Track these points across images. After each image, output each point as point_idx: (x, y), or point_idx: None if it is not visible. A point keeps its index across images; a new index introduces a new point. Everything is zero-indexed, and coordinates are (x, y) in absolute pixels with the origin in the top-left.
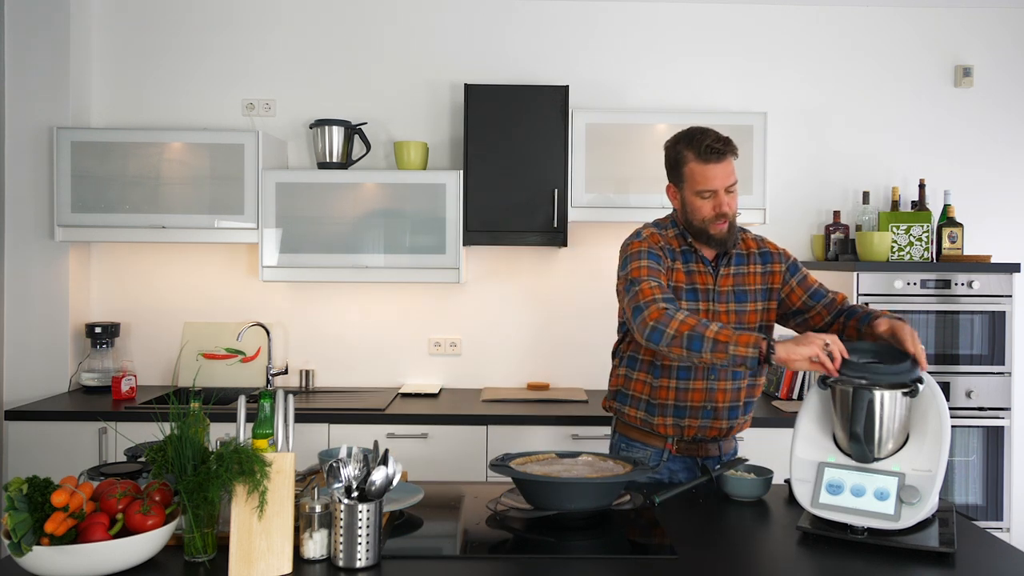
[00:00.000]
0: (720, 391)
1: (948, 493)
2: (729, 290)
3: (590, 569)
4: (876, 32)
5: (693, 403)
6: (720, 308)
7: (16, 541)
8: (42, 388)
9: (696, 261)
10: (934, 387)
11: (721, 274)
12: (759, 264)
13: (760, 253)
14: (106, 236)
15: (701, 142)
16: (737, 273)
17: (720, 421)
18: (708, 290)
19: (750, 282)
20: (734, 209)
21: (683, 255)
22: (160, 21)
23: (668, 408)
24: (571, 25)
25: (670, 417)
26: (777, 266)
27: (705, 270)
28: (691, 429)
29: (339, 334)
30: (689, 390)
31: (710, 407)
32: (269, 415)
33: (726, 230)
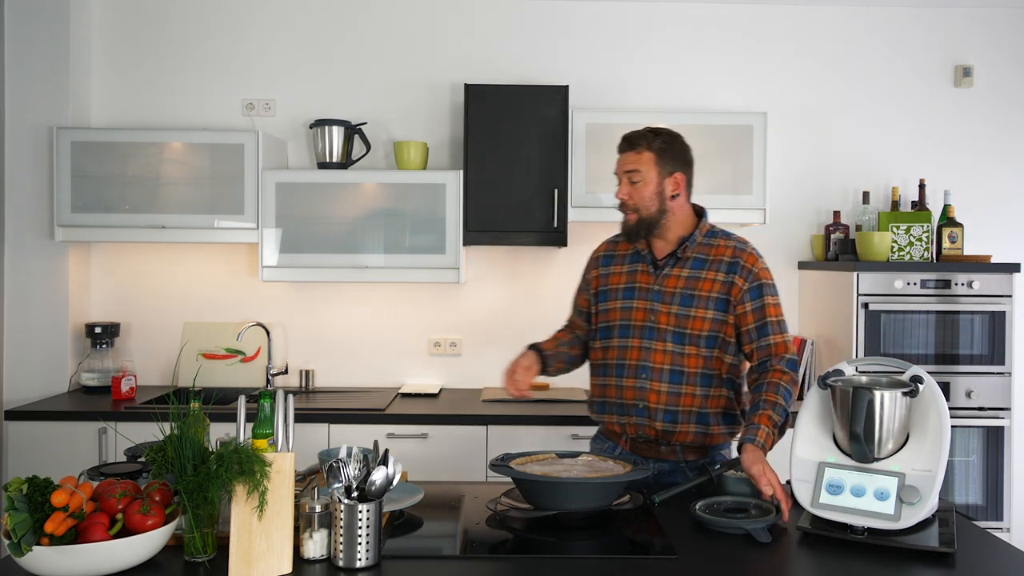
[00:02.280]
0: (652, 391)
1: (948, 493)
2: (676, 291)
3: (590, 569)
4: (876, 32)
5: (627, 400)
6: (662, 308)
7: (16, 541)
8: (42, 388)
9: (640, 261)
10: (934, 387)
11: (665, 274)
12: (721, 272)
13: (729, 262)
14: (106, 236)
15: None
16: (691, 276)
17: (655, 422)
18: (649, 289)
19: (704, 288)
20: (636, 200)
21: (630, 257)
22: (160, 21)
23: (612, 406)
24: (571, 25)
25: (615, 415)
26: (740, 280)
27: (647, 270)
28: (631, 427)
29: (339, 334)
30: (624, 388)
31: (642, 406)
32: (269, 415)
33: (633, 221)
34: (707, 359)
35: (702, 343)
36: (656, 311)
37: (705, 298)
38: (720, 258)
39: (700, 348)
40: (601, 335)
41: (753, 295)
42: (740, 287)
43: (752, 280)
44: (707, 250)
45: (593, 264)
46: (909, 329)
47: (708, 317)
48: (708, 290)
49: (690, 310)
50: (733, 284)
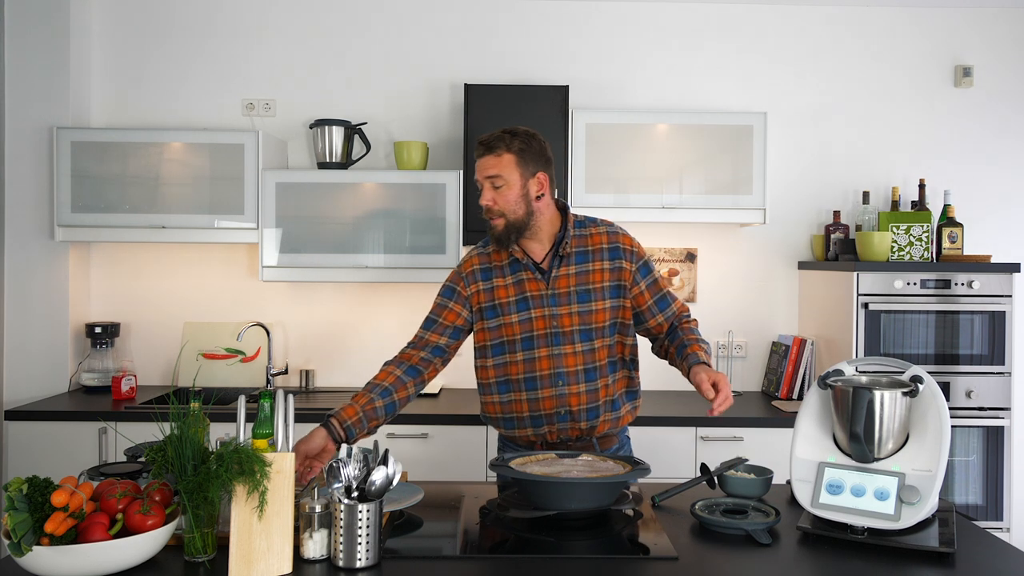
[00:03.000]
0: (572, 395)
1: (948, 493)
2: (571, 291)
3: (590, 569)
4: (876, 32)
5: (546, 411)
6: (561, 311)
7: (16, 541)
8: (42, 388)
9: (524, 269)
10: (934, 387)
11: (556, 276)
12: (606, 260)
13: (609, 249)
14: (106, 236)
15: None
16: (580, 272)
17: (579, 423)
18: (542, 295)
19: (595, 279)
20: (500, 205)
21: (510, 266)
22: (160, 21)
23: (525, 419)
24: (571, 25)
25: (529, 427)
26: (627, 264)
27: (534, 276)
28: (552, 434)
29: (339, 334)
30: (540, 399)
31: (564, 411)
32: (269, 415)
33: (500, 227)
34: (611, 347)
35: (606, 333)
36: (556, 315)
37: (600, 289)
38: (599, 246)
39: (605, 338)
40: (495, 352)
41: (643, 273)
42: (629, 270)
43: (636, 260)
44: (583, 241)
45: (469, 279)
46: (909, 329)
47: (607, 307)
48: (600, 280)
49: (590, 304)
50: (622, 269)
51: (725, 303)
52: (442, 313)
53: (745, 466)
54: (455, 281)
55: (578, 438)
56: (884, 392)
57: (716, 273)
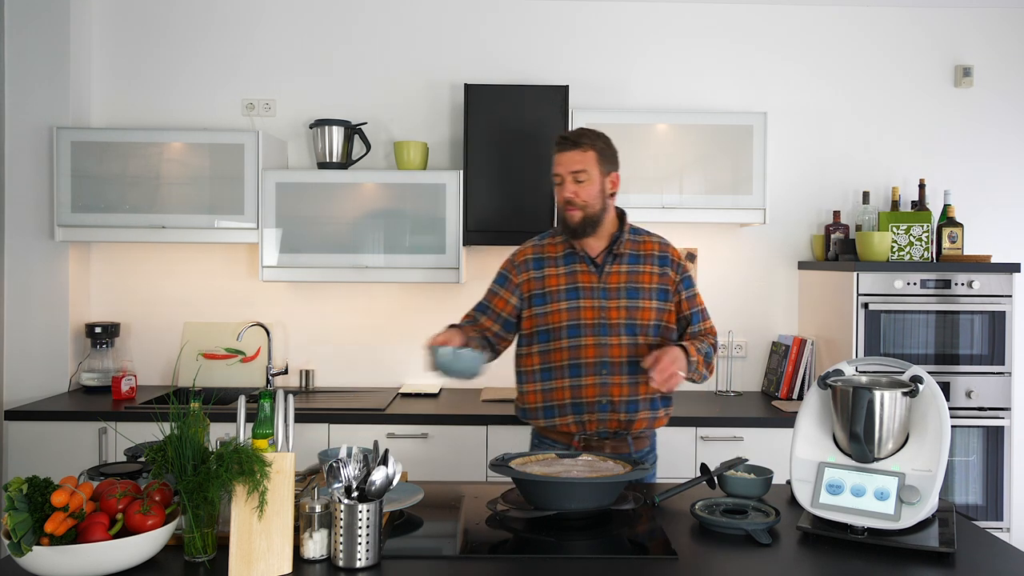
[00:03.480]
0: (614, 386)
1: (948, 493)
2: (621, 287)
3: (590, 569)
4: (876, 32)
5: (588, 398)
6: (610, 304)
7: (16, 541)
8: (42, 388)
9: (579, 261)
10: (934, 387)
11: (608, 271)
12: (656, 265)
13: (659, 256)
14: (106, 236)
15: (561, 134)
16: (631, 271)
17: (618, 414)
18: (593, 288)
19: (645, 280)
20: (582, 198)
21: (565, 258)
22: (160, 21)
23: (567, 407)
24: (571, 25)
25: (570, 415)
26: (673, 273)
27: (588, 269)
28: (592, 424)
29: (339, 334)
30: (583, 386)
31: (605, 401)
32: (269, 415)
33: (578, 219)
34: (652, 347)
35: (650, 332)
36: (605, 308)
37: (648, 290)
38: (651, 253)
39: (648, 337)
40: (540, 339)
41: (686, 285)
42: (673, 279)
43: (682, 272)
44: (636, 246)
45: (522, 267)
46: (909, 329)
47: (653, 307)
48: (648, 282)
49: (638, 302)
50: (668, 275)
51: (725, 303)
52: (493, 300)
53: (745, 466)
54: (507, 269)
55: (615, 432)
56: (884, 392)
57: (716, 273)
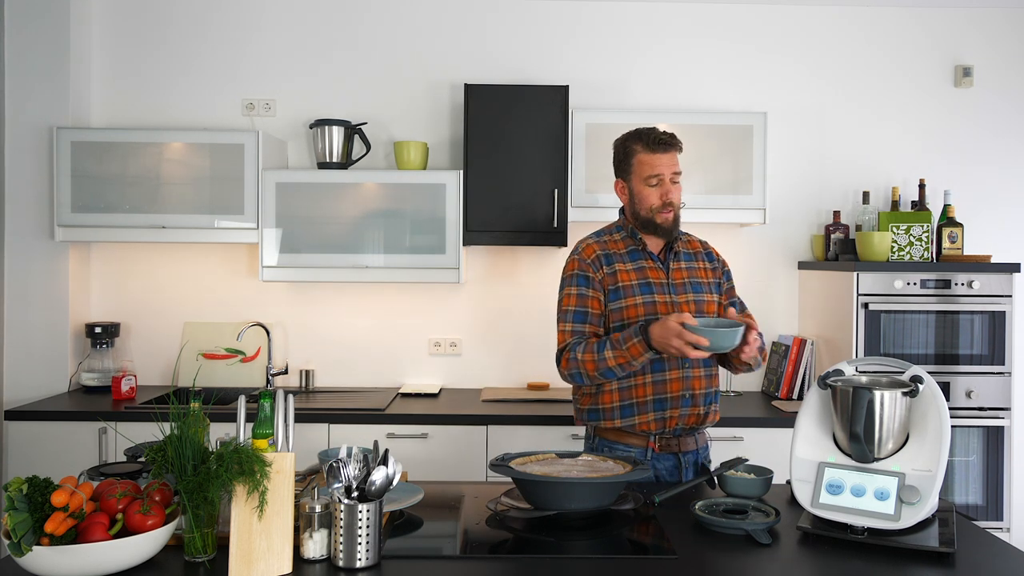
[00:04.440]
0: (696, 378)
1: (948, 493)
2: (685, 282)
3: (590, 569)
4: (876, 32)
5: (672, 393)
6: (680, 299)
7: (16, 541)
8: (42, 388)
9: (645, 258)
10: (934, 387)
11: (672, 268)
12: (705, 261)
13: (706, 253)
14: (106, 236)
15: (650, 135)
16: (690, 268)
17: (698, 408)
18: (662, 283)
19: (702, 276)
20: (679, 200)
21: (631, 254)
22: (160, 21)
23: (648, 404)
24: (571, 25)
25: (651, 412)
26: (719, 266)
27: (655, 265)
28: (673, 420)
29: (339, 334)
30: (667, 381)
31: (688, 395)
32: (269, 415)
33: (672, 220)
34: None
35: None
36: (676, 303)
37: (706, 284)
38: (698, 250)
39: None
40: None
41: (727, 277)
42: (719, 270)
43: (723, 266)
44: (686, 245)
45: (596, 264)
46: (909, 329)
47: (713, 300)
48: (704, 278)
49: (703, 295)
50: (716, 270)
51: None
52: (589, 304)
53: (745, 466)
54: (583, 269)
55: (693, 427)
56: (884, 392)
57: None
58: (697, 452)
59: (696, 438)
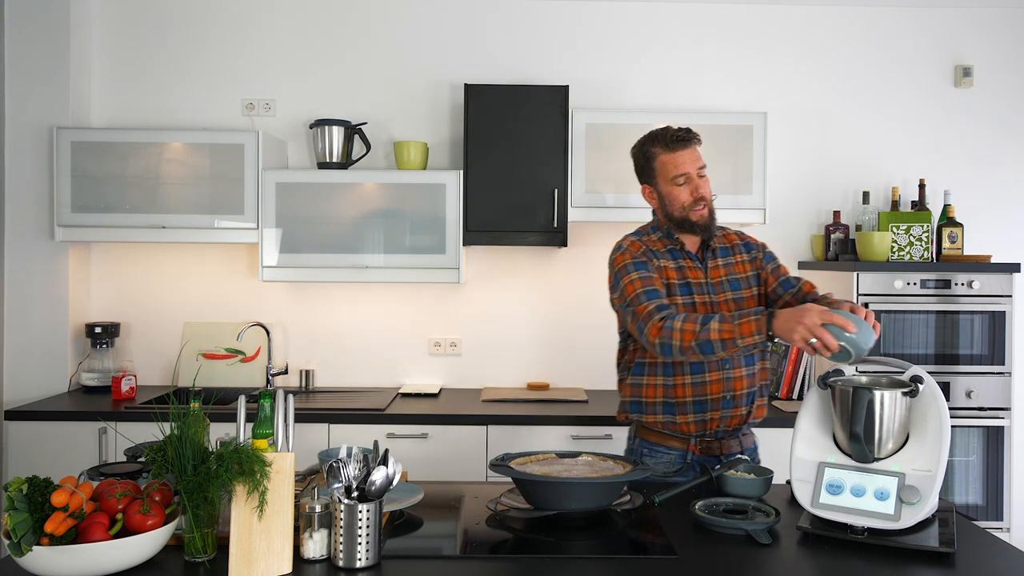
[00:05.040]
0: (737, 379)
1: (948, 493)
2: (723, 280)
3: (590, 569)
4: (876, 32)
5: (712, 395)
6: (719, 299)
7: (16, 541)
8: (42, 388)
9: (684, 257)
10: (934, 387)
11: (710, 266)
12: (744, 253)
13: (743, 244)
14: (106, 236)
15: (666, 134)
16: (727, 264)
17: (740, 408)
18: (701, 283)
19: (740, 270)
20: (709, 194)
21: (670, 253)
22: (160, 21)
23: (688, 405)
24: (571, 25)
25: (691, 414)
26: (758, 253)
27: (694, 265)
28: (714, 422)
29: (339, 334)
30: (707, 383)
31: (729, 396)
32: (269, 415)
33: (707, 215)
34: None
35: None
36: (716, 303)
37: (746, 278)
38: (735, 243)
39: None
40: None
41: (768, 259)
42: (759, 258)
43: (762, 249)
44: (723, 240)
45: (649, 256)
46: (909, 329)
47: (754, 294)
48: (743, 271)
49: (741, 292)
50: (756, 258)
51: None
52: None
53: (745, 466)
54: (637, 257)
55: (735, 429)
56: (884, 392)
57: None
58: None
59: (741, 440)
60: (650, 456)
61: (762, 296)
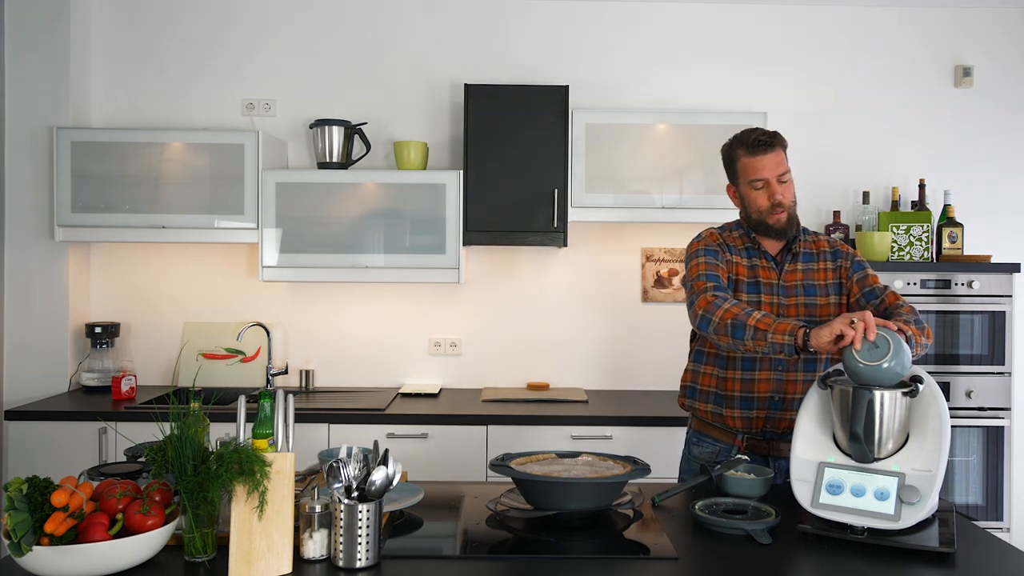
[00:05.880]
0: (789, 382)
1: (948, 493)
2: (798, 284)
3: (590, 569)
4: (876, 32)
5: (760, 393)
6: (789, 302)
7: (16, 541)
8: (42, 388)
9: (760, 257)
10: (934, 387)
11: (787, 269)
12: (829, 260)
13: (832, 252)
14: (106, 236)
15: (749, 136)
16: (807, 269)
17: (789, 412)
18: (772, 284)
19: (820, 277)
20: (789, 199)
21: (746, 251)
22: (160, 21)
23: (735, 399)
24: (571, 25)
25: (738, 409)
26: (845, 261)
27: (768, 265)
28: (759, 421)
29: (339, 334)
30: (756, 380)
31: (778, 398)
32: (269, 415)
33: (785, 220)
34: None
35: None
36: (784, 305)
37: (824, 286)
38: (823, 250)
39: None
40: None
41: (856, 268)
42: (846, 266)
43: (851, 257)
44: (810, 246)
45: (723, 249)
46: None
47: (831, 303)
48: (824, 279)
49: (815, 299)
50: (841, 267)
51: None
52: (717, 270)
53: (745, 466)
54: (709, 247)
55: (784, 432)
56: (884, 392)
57: None
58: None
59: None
60: (697, 444)
61: (844, 306)
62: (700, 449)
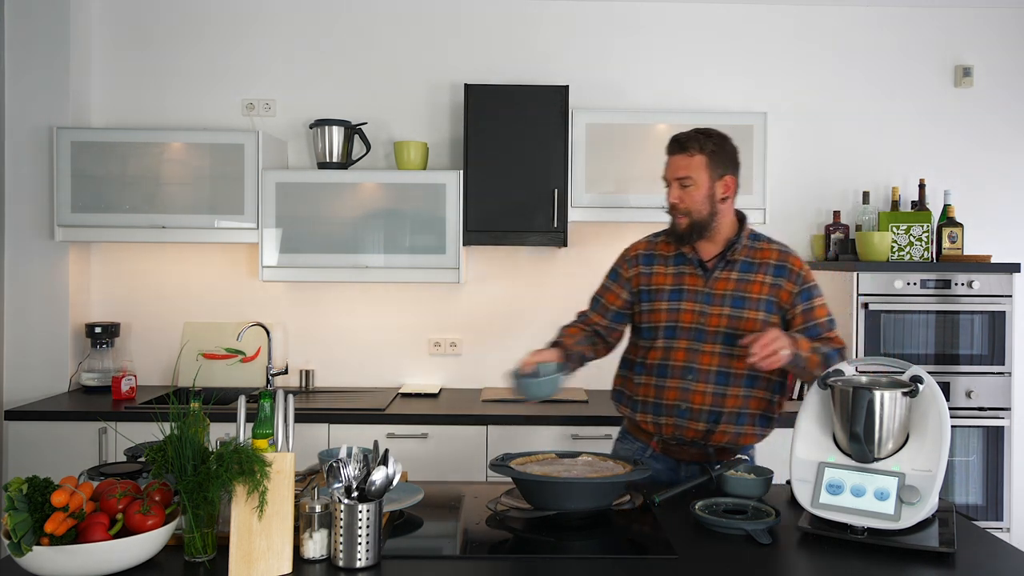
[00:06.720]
0: (696, 392)
1: (948, 493)
2: (727, 293)
3: (590, 569)
4: (876, 32)
5: (668, 401)
6: (712, 311)
7: (16, 541)
8: (42, 388)
9: (687, 264)
10: (934, 387)
11: (717, 276)
12: (770, 275)
13: (776, 265)
14: (106, 236)
15: (674, 136)
16: (741, 279)
17: (696, 423)
18: (697, 291)
19: (754, 290)
20: (687, 205)
21: (674, 259)
22: (160, 21)
23: (648, 405)
24: (571, 25)
25: (650, 414)
26: (789, 285)
27: (696, 272)
28: (668, 427)
29: (339, 334)
30: (665, 388)
31: (684, 407)
32: (269, 415)
33: (684, 225)
34: None
35: None
36: (706, 313)
37: (755, 300)
38: (767, 261)
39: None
40: (644, 335)
41: (803, 298)
42: (790, 291)
43: (801, 283)
44: (753, 253)
45: (632, 262)
46: (909, 329)
47: (759, 319)
48: (758, 292)
49: (742, 311)
50: (781, 288)
51: None
52: (605, 295)
53: (745, 466)
54: (619, 264)
55: (692, 440)
56: (884, 392)
57: None
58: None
59: (708, 451)
60: (622, 442)
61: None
62: (621, 445)
